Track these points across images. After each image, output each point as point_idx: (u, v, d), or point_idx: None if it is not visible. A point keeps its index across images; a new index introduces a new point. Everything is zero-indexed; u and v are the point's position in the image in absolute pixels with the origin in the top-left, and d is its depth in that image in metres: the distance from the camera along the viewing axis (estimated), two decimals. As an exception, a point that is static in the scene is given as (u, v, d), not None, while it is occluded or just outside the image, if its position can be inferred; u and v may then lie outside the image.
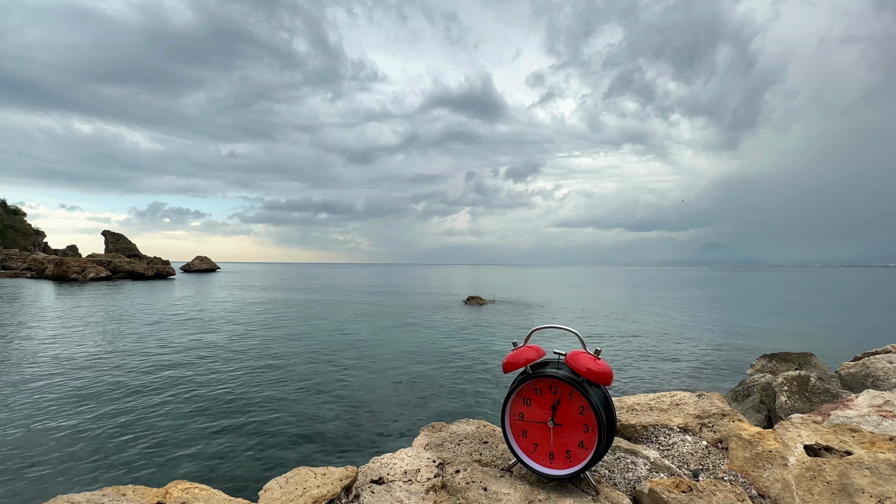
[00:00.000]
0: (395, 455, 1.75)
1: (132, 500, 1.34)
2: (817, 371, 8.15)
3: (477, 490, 1.47)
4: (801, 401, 4.84)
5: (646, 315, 21.87)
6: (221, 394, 7.97)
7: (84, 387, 8.26)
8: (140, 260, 55.15)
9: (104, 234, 67.41)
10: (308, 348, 12.37)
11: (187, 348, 12.01)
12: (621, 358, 11.60)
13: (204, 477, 4.93)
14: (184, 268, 68.95)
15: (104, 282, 43.69)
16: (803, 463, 1.52)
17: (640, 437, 1.97)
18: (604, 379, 1.41)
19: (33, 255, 58.62)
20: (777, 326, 18.35)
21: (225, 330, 15.37)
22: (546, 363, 1.54)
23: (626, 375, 9.82)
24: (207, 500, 1.42)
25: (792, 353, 9.79)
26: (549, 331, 1.71)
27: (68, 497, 1.27)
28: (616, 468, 1.65)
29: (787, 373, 5.41)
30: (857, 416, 1.89)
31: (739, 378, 8.64)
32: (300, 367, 10.10)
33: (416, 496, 1.49)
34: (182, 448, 5.71)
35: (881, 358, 4.85)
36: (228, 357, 11.00)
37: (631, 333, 15.87)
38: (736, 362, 11.26)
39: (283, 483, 1.51)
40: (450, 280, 64.60)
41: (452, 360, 11.15)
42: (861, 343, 11.74)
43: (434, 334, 15.12)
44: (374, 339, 14.15)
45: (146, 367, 9.79)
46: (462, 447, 1.81)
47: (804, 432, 1.69)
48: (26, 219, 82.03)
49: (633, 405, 2.20)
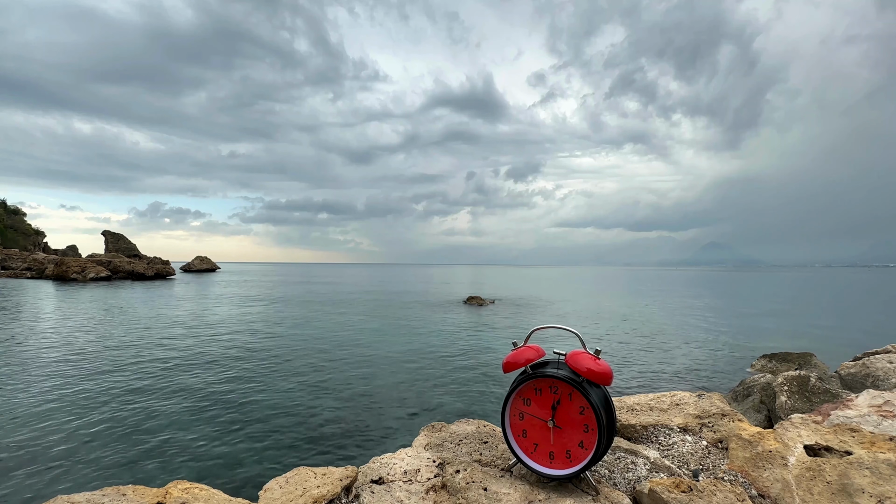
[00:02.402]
0: (395, 455, 1.75)
1: (132, 500, 1.34)
2: (817, 371, 8.15)
3: (477, 490, 1.47)
4: (801, 401, 4.84)
5: (645, 315, 21.88)
6: (221, 394, 7.97)
7: (84, 387, 8.26)
8: (140, 260, 55.15)
9: (104, 234, 67.41)
10: (308, 348, 12.38)
11: (187, 348, 12.01)
12: (621, 358, 11.60)
13: (204, 477, 4.93)
14: (184, 268, 68.96)
15: (104, 282, 43.68)
16: (803, 463, 1.52)
17: (640, 437, 1.97)
18: (604, 379, 1.41)
19: (33, 255, 58.62)
20: (777, 326, 18.36)
21: (224, 330, 15.37)
22: (546, 363, 1.54)
23: (626, 375, 9.82)
24: (207, 500, 1.42)
25: (792, 353, 9.80)
26: (549, 331, 1.71)
27: (68, 497, 1.27)
28: (616, 468, 1.65)
29: (787, 373, 5.42)
30: (857, 416, 1.89)
31: (739, 378, 8.65)
32: (300, 367, 10.10)
33: (416, 496, 1.49)
34: (182, 448, 5.71)
35: (881, 358, 4.85)
36: (228, 357, 11.01)
37: (631, 333, 15.88)
38: (736, 362, 11.27)
39: (283, 483, 1.51)
40: (450, 280, 64.60)
41: (452, 359, 11.15)
42: (861, 343, 11.75)
43: (434, 334, 15.13)
44: (374, 338, 14.16)
45: (146, 368, 9.80)
46: (462, 447, 1.81)
47: (804, 432, 1.69)
48: (26, 219, 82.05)
49: (633, 405, 2.20)
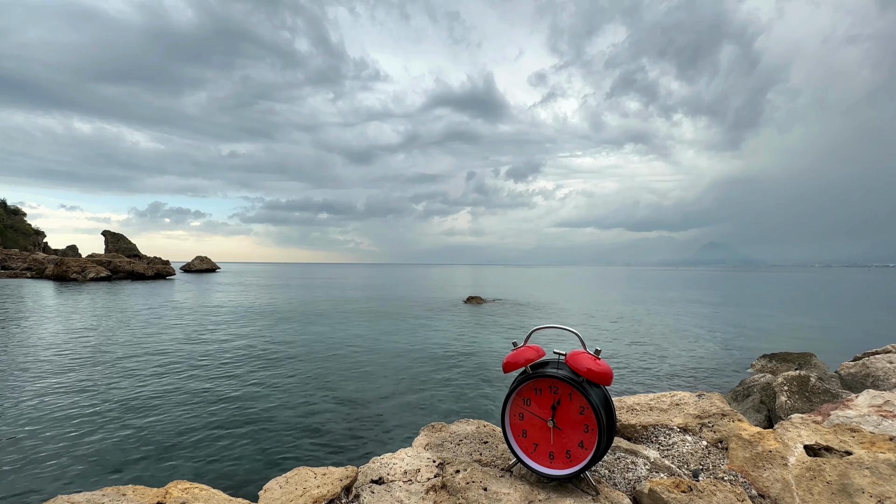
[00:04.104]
0: (395, 455, 1.75)
1: (132, 500, 1.34)
2: (817, 371, 8.15)
3: (477, 490, 1.47)
4: (801, 401, 4.84)
5: (645, 315, 21.88)
6: (221, 393, 7.97)
7: (84, 387, 8.26)
8: (140, 260, 55.16)
9: (104, 234, 67.40)
10: (308, 348, 12.38)
11: (186, 348, 12.01)
12: (621, 358, 11.60)
13: (204, 477, 4.93)
14: (184, 268, 68.97)
15: (104, 282, 43.69)
16: (803, 463, 1.52)
17: (640, 437, 1.97)
18: (604, 379, 1.41)
19: (33, 255, 58.61)
20: (777, 326, 18.36)
21: (224, 330, 15.37)
22: (546, 363, 1.53)
23: (626, 375, 9.82)
24: (207, 500, 1.42)
25: (792, 353, 9.80)
26: (549, 331, 1.70)
27: (68, 497, 1.27)
28: (616, 468, 1.65)
29: (787, 373, 5.42)
30: (857, 416, 1.89)
31: (739, 378, 8.65)
32: (300, 367, 10.10)
33: (416, 496, 1.49)
34: (182, 448, 5.71)
35: (881, 358, 4.85)
36: (228, 357, 11.01)
37: (631, 333, 15.88)
38: (736, 362, 11.27)
39: (283, 483, 1.51)
40: (450, 280, 64.60)
41: (452, 359, 11.15)
42: (861, 343, 11.74)
43: (434, 334, 15.12)
44: (374, 338, 14.16)
45: (146, 368, 9.80)
46: (462, 447, 1.81)
47: (804, 432, 1.69)
48: (26, 219, 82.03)
49: (633, 405, 2.20)
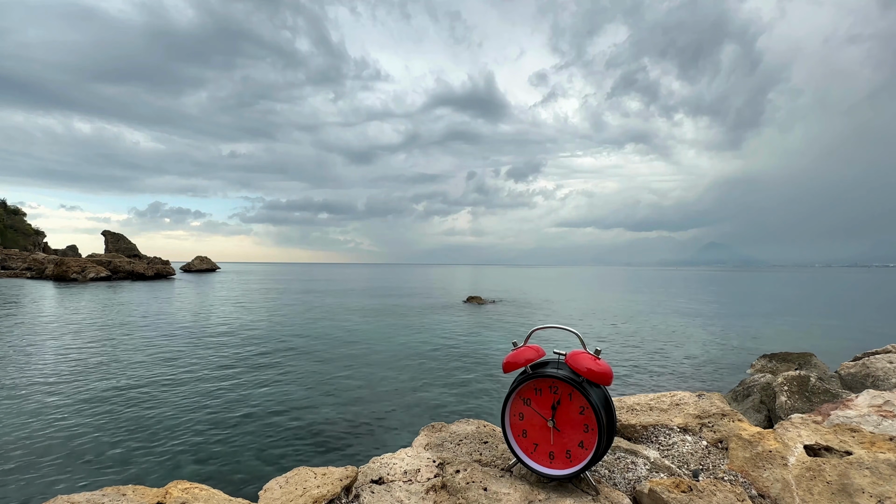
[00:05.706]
0: (395, 455, 1.75)
1: (132, 500, 1.34)
2: (817, 371, 8.15)
3: (477, 490, 1.47)
4: (801, 401, 4.84)
5: (645, 315, 21.87)
6: (221, 393, 7.97)
7: (84, 387, 8.26)
8: (140, 260, 55.16)
9: (104, 234, 67.43)
10: (308, 348, 12.37)
11: (186, 348, 12.01)
12: (621, 358, 11.59)
13: (204, 477, 4.93)
14: (184, 268, 68.95)
15: (104, 282, 43.68)
16: (803, 463, 1.52)
17: (640, 437, 1.97)
18: (604, 379, 1.41)
19: (33, 255, 58.62)
20: (777, 326, 18.35)
21: (224, 330, 15.37)
22: (546, 363, 1.53)
23: (626, 375, 9.82)
24: (207, 500, 1.42)
25: (792, 353, 9.79)
26: (549, 331, 1.70)
27: (68, 497, 1.27)
28: (616, 468, 1.65)
29: (787, 373, 5.42)
30: (857, 416, 1.89)
31: (739, 378, 8.64)
32: (300, 367, 10.10)
33: (416, 496, 1.49)
34: (182, 448, 5.71)
35: (881, 358, 4.85)
36: (228, 357, 11.01)
37: (631, 333, 15.87)
38: (736, 362, 11.26)
39: (283, 483, 1.51)
40: (450, 280, 64.60)
41: (452, 359, 11.15)
42: (861, 343, 11.74)
43: (434, 334, 15.12)
44: (374, 338, 14.15)
45: (146, 367, 9.80)
46: (462, 447, 1.81)
47: (804, 432, 1.69)
48: (26, 219, 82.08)
49: (633, 405, 2.20)
